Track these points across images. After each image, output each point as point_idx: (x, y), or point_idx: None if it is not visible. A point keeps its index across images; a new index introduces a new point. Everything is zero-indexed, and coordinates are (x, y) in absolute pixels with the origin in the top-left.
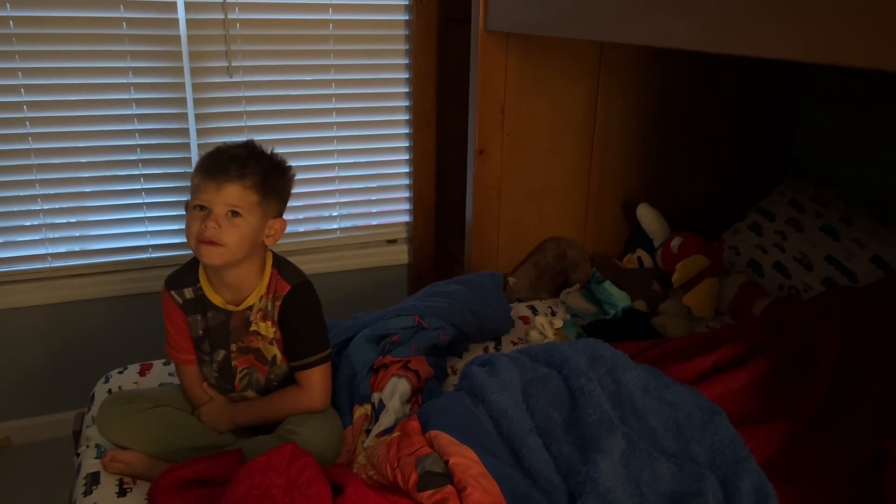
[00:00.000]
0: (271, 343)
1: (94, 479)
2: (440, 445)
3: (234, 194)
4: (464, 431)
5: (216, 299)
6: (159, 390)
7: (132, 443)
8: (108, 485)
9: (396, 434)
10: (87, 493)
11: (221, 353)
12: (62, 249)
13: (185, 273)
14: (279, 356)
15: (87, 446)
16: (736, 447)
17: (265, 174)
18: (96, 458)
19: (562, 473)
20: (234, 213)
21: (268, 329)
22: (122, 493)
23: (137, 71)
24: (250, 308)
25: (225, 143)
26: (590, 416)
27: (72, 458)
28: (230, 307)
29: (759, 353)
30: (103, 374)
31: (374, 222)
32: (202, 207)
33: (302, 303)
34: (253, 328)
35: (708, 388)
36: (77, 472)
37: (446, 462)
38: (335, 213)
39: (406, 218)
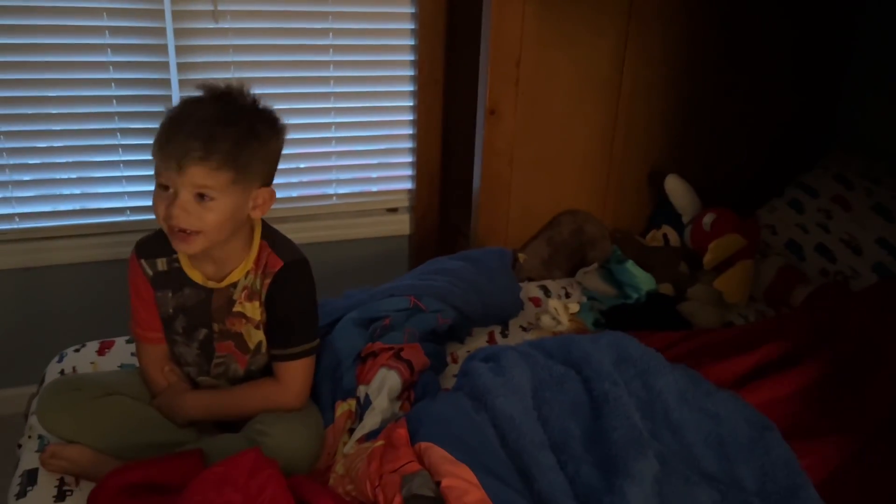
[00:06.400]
0: (257, 327)
1: (30, 477)
2: (432, 462)
3: (199, 176)
4: (461, 445)
5: (195, 275)
6: (114, 375)
7: (77, 436)
8: (45, 486)
9: (380, 443)
10: (21, 494)
11: (203, 332)
12: (30, 210)
13: (161, 240)
14: (265, 343)
15: (30, 437)
16: (791, 470)
17: (239, 144)
18: (38, 451)
19: (580, 501)
20: (204, 196)
21: (254, 310)
22: (60, 496)
23: (112, 13)
24: (234, 285)
25: (197, 90)
26: (615, 429)
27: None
28: (211, 284)
29: (810, 352)
30: (72, 346)
31: (373, 189)
32: (166, 187)
33: (295, 283)
34: (237, 308)
35: (752, 394)
36: (16, 468)
37: (438, 483)
38: (331, 178)
39: (408, 185)
